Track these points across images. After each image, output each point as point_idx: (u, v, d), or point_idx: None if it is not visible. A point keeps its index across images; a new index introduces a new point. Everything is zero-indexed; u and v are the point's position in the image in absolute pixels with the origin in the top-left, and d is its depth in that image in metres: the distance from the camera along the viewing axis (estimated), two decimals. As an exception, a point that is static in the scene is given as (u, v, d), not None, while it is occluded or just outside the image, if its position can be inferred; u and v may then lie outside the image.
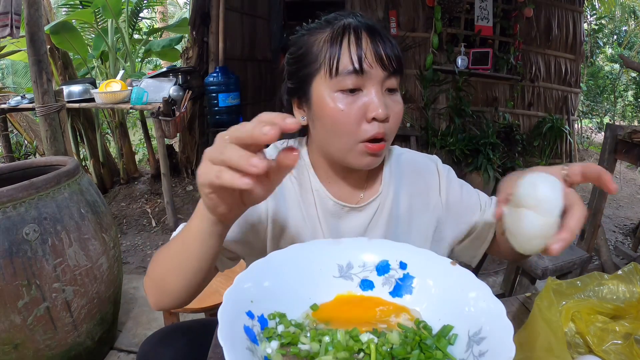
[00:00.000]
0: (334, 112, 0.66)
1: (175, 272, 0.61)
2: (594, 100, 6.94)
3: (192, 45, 3.78)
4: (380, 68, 0.65)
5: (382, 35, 0.67)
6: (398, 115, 0.69)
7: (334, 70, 0.65)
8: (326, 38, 0.68)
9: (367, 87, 0.66)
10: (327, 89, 0.67)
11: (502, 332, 0.40)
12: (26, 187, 1.38)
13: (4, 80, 6.68)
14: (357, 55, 0.64)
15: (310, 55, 0.69)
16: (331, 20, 0.70)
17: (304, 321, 0.48)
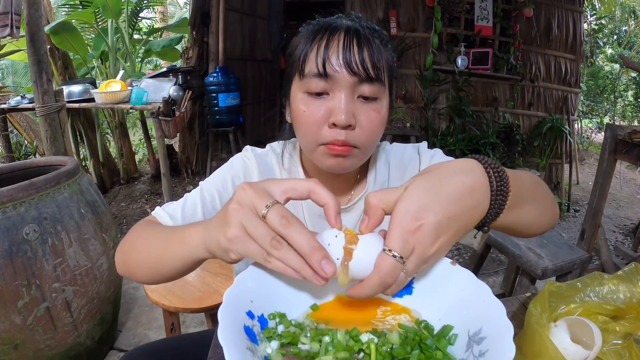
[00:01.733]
0: (298, 112, 0.66)
1: (153, 267, 0.61)
2: (594, 100, 6.94)
3: (192, 45, 3.78)
4: (347, 73, 0.62)
5: (362, 39, 0.63)
6: (371, 124, 0.65)
7: (301, 72, 0.65)
8: (304, 39, 0.66)
9: (333, 91, 0.63)
10: (298, 89, 0.66)
11: (502, 332, 0.40)
12: (26, 187, 1.38)
13: (4, 80, 6.68)
14: (321, 58, 0.62)
15: (293, 55, 0.68)
16: (323, 22, 0.68)
17: (304, 321, 0.48)
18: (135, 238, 0.66)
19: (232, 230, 0.44)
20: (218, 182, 0.76)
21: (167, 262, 0.58)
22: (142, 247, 0.63)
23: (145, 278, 0.64)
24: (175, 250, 0.55)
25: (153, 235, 0.63)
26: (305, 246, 0.41)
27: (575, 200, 4.16)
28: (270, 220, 0.42)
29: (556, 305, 0.58)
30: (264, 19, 4.64)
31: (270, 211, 0.42)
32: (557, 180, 4.26)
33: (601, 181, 2.07)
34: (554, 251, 1.58)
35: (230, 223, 0.44)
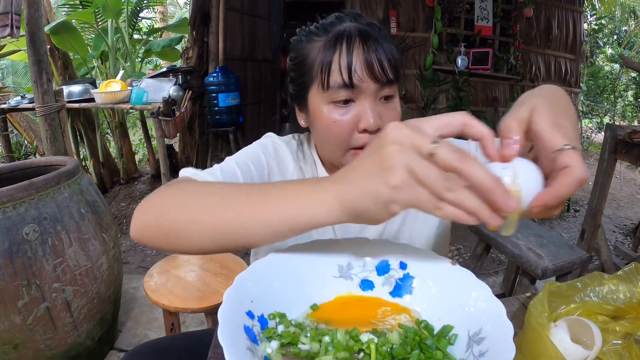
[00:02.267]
0: (327, 122, 0.67)
1: (220, 232, 0.48)
2: (594, 100, 6.94)
3: (192, 45, 3.78)
4: (372, 81, 0.65)
5: (377, 41, 0.65)
6: (394, 121, 0.68)
7: (325, 84, 0.66)
8: (320, 48, 0.67)
9: (359, 99, 0.66)
10: (321, 100, 0.68)
11: (502, 332, 0.40)
12: (26, 187, 1.38)
13: (4, 80, 6.68)
14: (347, 70, 0.64)
15: (306, 64, 0.70)
16: (327, 26, 0.69)
17: (304, 321, 0.48)
18: (179, 195, 0.54)
19: (398, 176, 0.35)
20: (252, 156, 0.75)
21: (248, 227, 0.46)
22: (197, 206, 0.50)
23: (193, 246, 0.51)
24: (268, 213, 0.44)
25: (217, 191, 0.51)
26: (487, 179, 0.34)
27: (575, 200, 4.16)
28: (442, 156, 0.35)
29: (556, 305, 0.58)
30: (264, 19, 4.64)
31: (441, 147, 0.35)
32: (557, 180, 4.25)
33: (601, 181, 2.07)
34: (554, 251, 1.58)
35: (394, 167, 0.36)
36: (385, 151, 0.37)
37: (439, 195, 0.36)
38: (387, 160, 0.36)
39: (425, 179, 0.35)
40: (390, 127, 0.38)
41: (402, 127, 0.37)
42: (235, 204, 0.48)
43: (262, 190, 0.47)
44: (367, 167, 0.38)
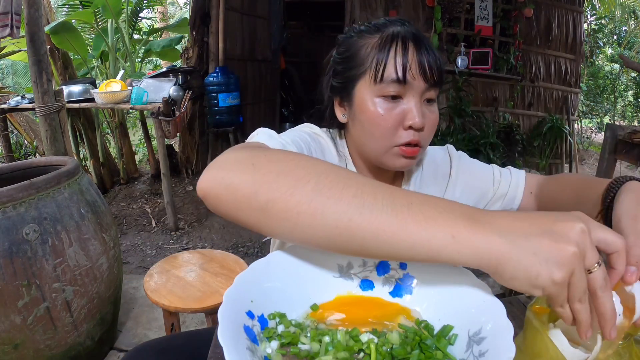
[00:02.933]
0: (374, 115, 0.70)
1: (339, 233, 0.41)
2: (594, 100, 6.94)
3: (192, 45, 3.78)
4: (422, 80, 0.68)
5: (427, 47, 0.69)
6: (433, 124, 0.72)
7: (378, 76, 0.68)
8: (374, 44, 0.70)
9: (407, 96, 0.69)
10: (370, 93, 0.70)
11: (502, 332, 0.40)
12: (26, 187, 1.38)
13: (4, 80, 6.68)
14: (402, 66, 0.67)
15: (357, 58, 0.72)
16: (380, 26, 0.72)
17: (304, 321, 0.48)
18: (295, 166, 0.44)
19: (563, 275, 0.36)
20: (304, 141, 0.73)
21: (382, 241, 0.39)
22: (321, 191, 0.41)
23: (290, 234, 0.43)
24: (414, 235, 0.39)
25: (350, 183, 0.42)
26: (610, 313, 0.39)
27: (575, 200, 4.15)
28: (595, 278, 0.38)
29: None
30: (264, 19, 4.64)
31: (599, 270, 0.38)
32: (557, 180, 4.25)
33: (601, 181, 2.07)
34: (554, 251, 1.58)
35: (565, 265, 0.36)
36: (567, 246, 0.36)
37: (571, 300, 0.38)
38: (564, 255, 0.36)
39: (576, 287, 0.37)
40: (579, 225, 0.38)
41: (586, 234, 0.38)
42: (374, 208, 0.40)
43: (406, 199, 0.41)
44: (542, 245, 0.37)
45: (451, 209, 0.40)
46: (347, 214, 0.40)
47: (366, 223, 0.39)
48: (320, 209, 0.41)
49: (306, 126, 0.83)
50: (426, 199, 0.41)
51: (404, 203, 0.40)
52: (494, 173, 0.86)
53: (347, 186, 0.41)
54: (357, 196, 0.40)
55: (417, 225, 0.39)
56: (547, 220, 0.38)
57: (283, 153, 0.48)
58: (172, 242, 2.98)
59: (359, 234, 0.40)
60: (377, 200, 0.40)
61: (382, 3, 3.89)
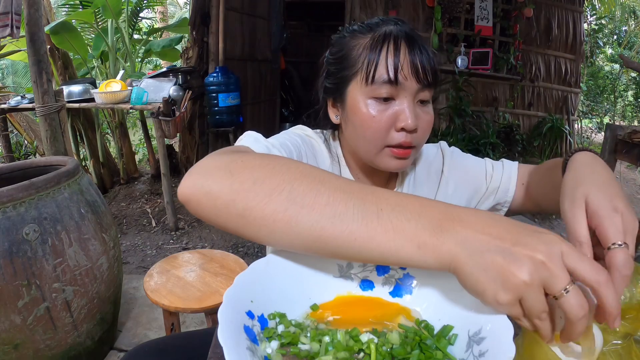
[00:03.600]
0: (366, 117, 0.69)
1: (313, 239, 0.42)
2: (594, 100, 6.94)
3: (192, 45, 3.78)
4: (414, 80, 0.67)
5: (420, 46, 0.68)
6: (427, 125, 0.71)
7: (370, 78, 0.67)
8: (366, 44, 0.69)
9: (400, 97, 0.68)
10: (362, 94, 0.69)
11: (502, 332, 0.40)
12: (26, 187, 1.38)
13: (4, 80, 6.68)
14: (393, 66, 0.66)
15: (349, 58, 0.71)
16: (373, 26, 0.71)
17: (304, 321, 0.48)
18: (270, 173, 0.45)
19: (508, 299, 0.37)
20: (295, 144, 0.72)
21: (353, 248, 0.41)
22: (294, 199, 0.43)
23: (268, 239, 0.45)
24: (383, 244, 0.40)
25: (322, 189, 0.43)
26: (577, 334, 0.38)
27: (575, 200, 4.15)
28: (566, 304, 0.36)
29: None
30: (264, 19, 4.64)
31: (570, 296, 0.36)
32: (557, 180, 4.25)
33: (601, 181, 2.07)
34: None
35: (509, 291, 0.37)
36: (517, 272, 0.36)
37: (529, 317, 0.38)
38: (510, 282, 0.37)
39: (530, 308, 0.37)
40: (538, 257, 0.36)
41: (545, 265, 0.36)
42: (344, 217, 0.41)
43: (376, 205, 0.42)
44: (494, 265, 0.37)
45: (419, 216, 0.41)
46: (319, 223, 0.42)
47: (338, 232, 0.41)
48: (294, 217, 0.42)
49: (298, 128, 0.83)
50: (397, 204, 0.42)
51: (374, 210, 0.41)
52: (487, 167, 0.85)
53: (319, 194, 0.43)
54: (329, 204, 0.42)
55: (386, 236, 0.40)
56: (511, 239, 0.38)
57: (260, 159, 0.48)
58: (172, 242, 2.98)
59: (332, 242, 0.42)
60: (349, 208, 0.42)
61: (382, 3, 3.90)
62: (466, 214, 0.41)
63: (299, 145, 0.74)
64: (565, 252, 0.37)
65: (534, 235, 0.39)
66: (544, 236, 0.38)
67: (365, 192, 0.43)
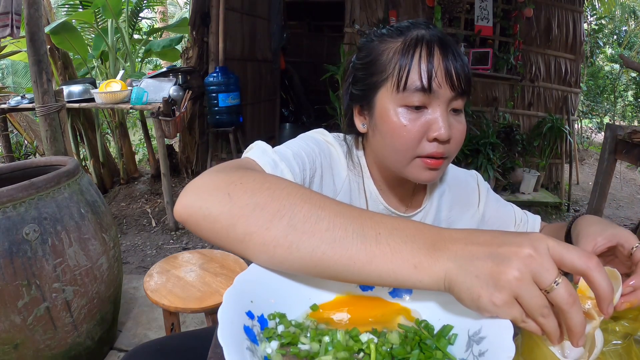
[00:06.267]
0: (396, 126, 0.65)
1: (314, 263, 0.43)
2: (594, 100, 6.94)
3: (192, 45, 3.78)
4: (449, 88, 0.64)
5: (454, 52, 0.65)
6: (460, 136, 0.68)
7: (401, 85, 0.64)
8: (397, 49, 0.66)
9: (432, 106, 0.65)
10: (392, 102, 0.66)
11: (502, 331, 0.40)
12: (26, 187, 1.38)
13: (4, 80, 6.68)
14: (427, 73, 0.63)
15: (378, 64, 0.68)
16: (403, 29, 0.68)
17: (305, 321, 0.48)
18: (271, 197, 0.45)
19: (503, 298, 0.38)
20: (310, 155, 0.70)
21: (352, 272, 0.43)
22: (295, 226, 0.44)
23: (268, 264, 0.46)
24: (380, 266, 0.42)
25: (322, 214, 0.44)
26: (579, 327, 0.38)
27: (575, 200, 4.16)
28: (557, 296, 0.37)
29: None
30: (264, 19, 4.64)
31: (561, 287, 0.37)
32: (557, 180, 4.26)
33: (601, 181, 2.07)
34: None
35: (504, 290, 0.38)
36: (507, 269, 0.37)
37: (532, 317, 0.38)
38: (502, 280, 0.38)
39: (529, 307, 0.38)
40: (525, 250, 0.38)
41: (535, 256, 0.37)
42: (344, 242, 0.43)
43: (374, 230, 0.43)
44: (485, 269, 0.39)
45: (415, 238, 0.42)
46: (320, 248, 0.43)
47: (338, 256, 0.43)
48: (295, 243, 0.43)
49: (318, 132, 0.78)
50: (394, 227, 0.43)
51: (373, 234, 0.43)
52: (516, 216, 0.87)
53: (320, 219, 0.44)
54: (329, 230, 0.43)
55: (384, 259, 0.42)
56: (496, 242, 0.40)
57: (260, 181, 0.48)
58: (172, 242, 2.98)
59: (332, 266, 0.43)
60: (348, 233, 0.43)
61: (382, 3, 3.89)
62: (456, 233, 0.43)
63: (315, 154, 0.71)
64: (551, 245, 0.38)
65: (519, 235, 0.40)
66: (529, 235, 0.40)
67: (364, 217, 0.45)
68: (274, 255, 0.44)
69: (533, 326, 0.39)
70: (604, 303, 0.39)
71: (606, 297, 0.38)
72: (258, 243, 0.45)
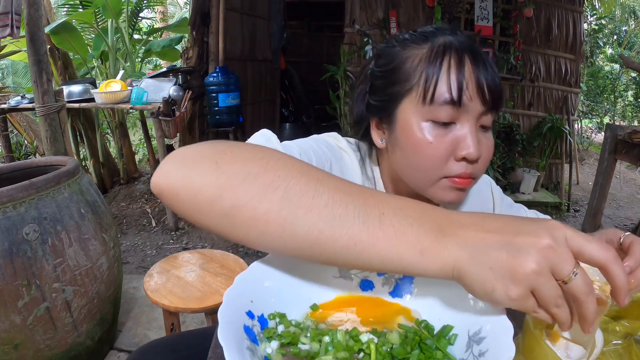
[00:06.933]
0: (422, 143, 0.59)
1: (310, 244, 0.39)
2: (594, 100, 6.94)
3: (192, 45, 3.78)
4: (480, 102, 0.59)
5: (486, 62, 0.59)
6: (488, 154, 0.63)
7: (428, 96, 0.58)
8: (423, 56, 0.60)
9: (461, 121, 0.59)
10: (417, 115, 0.60)
11: (502, 332, 0.40)
12: (26, 187, 1.38)
13: (4, 80, 6.68)
14: (457, 85, 0.57)
15: (401, 72, 0.62)
16: (429, 35, 0.62)
17: (305, 321, 0.48)
18: (264, 168, 0.40)
19: (519, 292, 0.36)
20: (318, 152, 0.64)
21: (352, 253, 0.39)
22: (289, 199, 0.39)
23: (256, 242, 0.41)
24: (383, 250, 0.38)
25: (321, 189, 0.40)
26: (593, 316, 0.37)
27: (575, 200, 4.16)
28: (574, 287, 0.36)
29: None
30: (264, 19, 4.64)
31: (578, 278, 0.36)
32: (557, 180, 4.25)
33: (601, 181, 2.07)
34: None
35: (521, 283, 0.36)
36: (525, 262, 0.35)
37: (546, 308, 0.37)
38: (520, 272, 0.36)
39: (544, 296, 0.36)
40: (544, 241, 0.36)
41: (554, 248, 0.36)
42: (344, 221, 0.38)
43: (377, 209, 0.39)
44: (499, 260, 0.36)
45: (421, 220, 0.39)
46: (317, 225, 0.38)
47: (337, 236, 0.38)
48: (290, 219, 0.39)
49: (331, 136, 0.72)
50: (399, 207, 0.40)
51: (376, 214, 0.39)
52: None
53: (318, 194, 0.39)
54: (329, 206, 0.39)
55: (388, 242, 0.38)
56: (512, 231, 0.37)
57: (252, 151, 0.43)
58: (172, 242, 2.98)
59: (330, 247, 0.39)
60: (349, 210, 0.39)
61: (382, 3, 3.89)
62: (465, 217, 0.40)
63: (325, 157, 0.65)
64: (569, 235, 0.36)
65: (535, 223, 0.38)
66: (545, 222, 0.37)
67: (366, 195, 0.40)
68: (264, 231, 0.39)
69: (544, 315, 0.38)
70: (621, 294, 0.38)
71: (623, 288, 0.37)
72: (247, 217, 0.39)
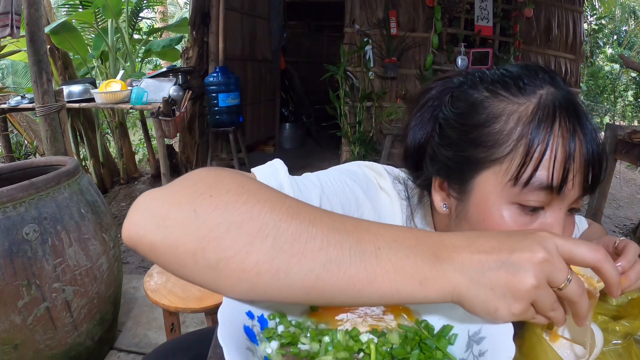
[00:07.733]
0: (501, 228, 0.50)
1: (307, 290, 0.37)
2: (594, 100, 6.94)
3: (192, 45, 3.79)
4: (580, 188, 0.49)
5: (592, 130, 0.48)
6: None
7: (524, 179, 0.48)
8: (523, 118, 0.48)
9: (552, 208, 0.50)
10: (501, 195, 0.50)
11: (502, 331, 0.40)
12: (26, 187, 1.38)
13: (4, 80, 6.68)
14: (562, 169, 0.47)
15: (491, 133, 0.50)
16: (527, 84, 0.50)
17: (305, 321, 0.48)
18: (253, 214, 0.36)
19: (522, 308, 0.37)
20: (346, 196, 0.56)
21: (351, 294, 0.37)
22: (281, 246, 0.36)
23: (247, 295, 0.39)
24: (382, 286, 0.37)
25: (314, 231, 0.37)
26: (587, 312, 0.39)
27: (575, 200, 4.15)
28: (569, 291, 0.37)
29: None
30: (264, 19, 4.64)
31: (572, 284, 0.37)
32: (557, 180, 4.26)
33: (601, 181, 2.07)
34: (554, 251, 1.58)
35: (523, 300, 0.37)
36: (524, 279, 0.36)
37: (542, 313, 0.39)
38: (520, 291, 0.36)
39: (542, 305, 0.38)
40: (539, 255, 0.36)
41: (547, 261, 0.36)
42: (341, 262, 0.36)
43: (373, 244, 0.37)
44: (499, 280, 0.36)
45: (417, 250, 0.38)
46: (313, 271, 0.36)
47: (334, 279, 0.36)
48: (283, 268, 0.36)
49: (368, 167, 0.61)
50: (393, 239, 0.38)
51: (372, 250, 0.37)
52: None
53: (311, 237, 0.36)
54: (323, 249, 0.36)
55: (386, 277, 0.36)
56: (506, 249, 0.38)
57: (235, 192, 0.38)
58: (172, 242, 2.98)
59: (328, 290, 0.37)
60: (344, 250, 0.36)
61: (382, 3, 3.89)
62: (456, 239, 0.39)
63: (358, 202, 0.56)
64: (559, 244, 0.38)
65: (527, 237, 0.39)
66: (535, 236, 0.39)
67: (361, 229, 0.38)
68: (256, 284, 0.36)
69: (542, 319, 0.40)
70: (613, 288, 0.40)
71: (615, 284, 0.40)
72: (236, 270, 0.36)
